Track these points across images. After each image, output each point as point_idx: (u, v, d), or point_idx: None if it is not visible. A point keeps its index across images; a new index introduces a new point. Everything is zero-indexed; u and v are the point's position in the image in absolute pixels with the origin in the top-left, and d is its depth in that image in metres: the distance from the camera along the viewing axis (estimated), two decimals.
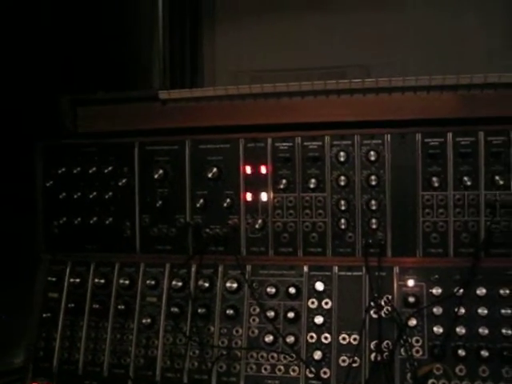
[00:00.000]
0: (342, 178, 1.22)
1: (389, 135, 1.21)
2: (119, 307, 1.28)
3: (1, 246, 1.59)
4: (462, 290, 1.16)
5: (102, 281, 1.31)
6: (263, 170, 1.25)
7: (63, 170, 1.36)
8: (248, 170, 1.26)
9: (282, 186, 1.24)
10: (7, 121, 1.44)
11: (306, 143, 1.24)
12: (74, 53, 1.55)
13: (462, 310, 1.16)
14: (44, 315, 1.32)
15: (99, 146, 1.34)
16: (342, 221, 1.22)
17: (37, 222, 1.38)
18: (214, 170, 1.26)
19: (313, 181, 1.23)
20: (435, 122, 1.20)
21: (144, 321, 1.26)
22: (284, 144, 1.25)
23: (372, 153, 1.21)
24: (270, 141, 1.25)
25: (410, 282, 1.20)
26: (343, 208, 1.21)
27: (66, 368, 1.30)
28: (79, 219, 1.34)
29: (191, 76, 1.64)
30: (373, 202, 1.21)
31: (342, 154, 1.22)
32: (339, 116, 1.24)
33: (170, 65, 1.62)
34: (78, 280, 1.32)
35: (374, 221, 1.21)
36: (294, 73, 1.52)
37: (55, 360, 1.31)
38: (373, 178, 1.20)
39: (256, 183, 1.26)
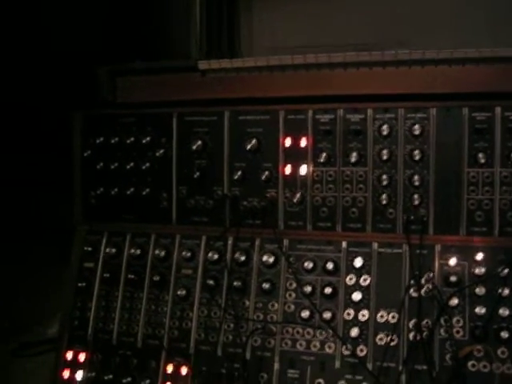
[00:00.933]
0: (385, 152, 1.18)
1: (434, 109, 1.17)
2: (154, 278, 1.27)
3: (39, 218, 1.60)
4: (506, 271, 1.12)
5: (138, 251, 1.30)
6: (303, 142, 1.23)
7: (101, 140, 1.35)
8: (287, 142, 1.23)
9: (321, 160, 1.21)
10: (46, 91, 1.44)
11: (347, 116, 1.21)
12: (111, 23, 1.54)
13: (506, 291, 1.12)
14: (79, 285, 1.32)
15: (137, 117, 1.33)
16: (383, 196, 1.19)
17: (74, 192, 1.38)
18: (253, 141, 1.24)
19: (354, 154, 1.20)
20: (483, 96, 1.15)
21: (179, 293, 1.25)
22: (325, 116, 1.22)
23: (416, 127, 1.17)
24: (310, 113, 1.22)
25: (452, 261, 1.16)
26: (385, 183, 1.18)
27: (101, 337, 1.29)
28: (116, 190, 1.34)
29: (228, 49, 1.61)
30: (416, 177, 1.17)
31: (384, 127, 1.18)
32: (383, 88, 1.21)
33: (207, 38, 1.60)
34: (113, 250, 1.32)
35: (416, 197, 1.18)
36: (331, 48, 1.46)
37: (90, 329, 1.31)
38: (416, 152, 1.17)
39: (295, 156, 1.23)
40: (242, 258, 1.23)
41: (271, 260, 1.22)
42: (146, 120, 1.32)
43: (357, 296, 1.18)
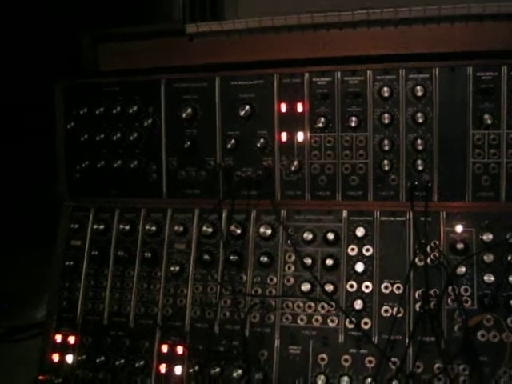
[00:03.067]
0: (386, 115, 1.12)
1: (437, 69, 1.11)
2: (145, 255, 1.21)
3: (22, 194, 1.52)
4: None
5: (127, 227, 1.23)
6: (299, 107, 1.17)
7: (85, 110, 1.27)
8: (283, 107, 1.17)
9: (319, 125, 1.15)
10: (25, 61, 1.35)
11: (346, 78, 1.15)
12: None
13: None
14: (66, 264, 1.25)
15: (123, 85, 1.26)
16: (385, 162, 1.13)
17: (58, 166, 1.30)
18: (247, 108, 1.17)
19: (353, 119, 1.14)
20: (488, 55, 1.09)
21: (172, 269, 1.19)
22: (322, 79, 1.15)
23: (418, 88, 1.11)
24: (306, 76, 1.16)
25: (459, 228, 1.11)
26: (386, 148, 1.12)
27: (91, 318, 1.23)
28: (102, 163, 1.27)
29: (211, 14, 1.52)
30: (419, 141, 1.11)
31: (385, 89, 1.12)
32: (382, 49, 1.15)
33: (190, 2, 1.50)
34: (101, 227, 1.25)
35: (419, 162, 1.12)
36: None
37: (79, 310, 1.24)
38: (419, 115, 1.11)
39: (291, 122, 1.17)
40: (238, 231, 1.17)
41: (268, 232, 1.16)
42: (132, 88, 1.25)
43: (359, 267, 1.12)
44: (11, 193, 1.56)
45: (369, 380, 1.07)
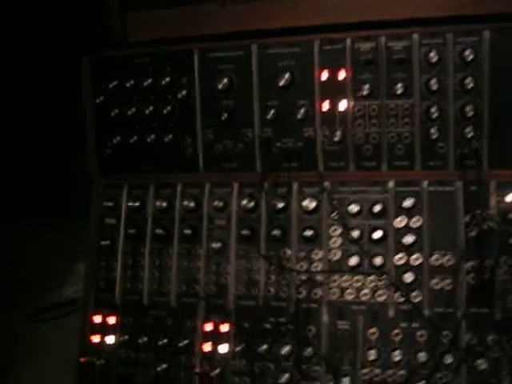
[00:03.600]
0: (433, 81, 1.07)
1: (488, 31, 1.06)
2: (185, 232, 1.17)
3: (52, 173, 1.48)
4: None
5: (164, 204, 1.19)
6: (341, 75, 1.12)
7: (114, 84, 1.22)
8: (324, 75, 1.12)
9: (363, 93, 1.10)
10: (49, 33, 1.29)
11: (390, 43, 1.09)
12: None
13: None
14: (102, 243, 1.21)
15: (153, 56, 1.20)
16: (433, 130, 1.08)
17: (88, 143, 1.26)
18: (286, 76, 1.12)
19: (399, 86, 1.09)
20: None
21: (213, 245, 1.15)
22: (365, 45, 1.10)
23: (468, 52, 1.06)
24: (348, 41, 1.11)
25: (510, 197, 1.07)
26: (434, 116, 1.08)
27: (130, 298, 1.20)
28: (135, 138, 1.22)
29: None
30: (468, 108, 1.07)
31: (432, 54, 1.07)
32: (428, 11, 1.08)
33: None
34: (136, 204, 1.21)
35: (469, 129, 1.08)
36: None
37: (117, 290, 1.21)
38: (468, 80, 1.06)
39: (333, 90, 1.12)
40: (280, 205, 1.13)
41: (312, 205, 1.12)
42: (163, 59, 1.20)
43: (408, 239, 1.09)
44: (41, 171, 1.51)
45: (421, 354, 1.04)
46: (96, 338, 1.19)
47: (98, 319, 1.20)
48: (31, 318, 1.61)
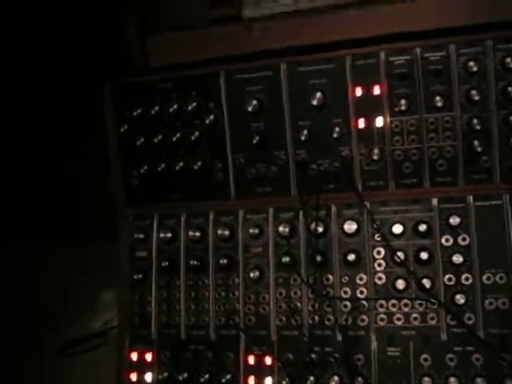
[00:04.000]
0: (474, 92, 1.02)
1: None
2: (220, 262, 1.12)
3: (78, 197, 1.44)
4: None
5: (197, 234, 1.15)
6: (376, 90, 1.07)
7: (138, 111, 1.18)
8: (358, 91, 1.08)
9: (400, 108, 1.06)
10: (70, 64, 1.25)
11: (426, 54, 1.05)
12: None
13: None
14: (135, 277, 1.16)
15: (177, 80, 1.16)
16: (476, 143, 1.04)
17: (113, 173, 1.21)
18: (318, 95, 1.08)
19: (438, 98, 1.04)
20: None
21: (251, 275, 1.11)
22: (400, 57, 1.06)
23: (509, 59, 1.01)
24: (382, 55, 1.06)
25: None
26: (477, 128, 1.03)
27: (167, 333, 1.15)
28: (163, 166, 1.18)
29: None
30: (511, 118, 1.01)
31: (471, 63, 1.03)
32: (465, 19, 1.03)
33: None
34: (168, 235, 1.16)
35: None
36: None
37: (153, 325, 1.16)
38: (511, 89, 1.00)
39: (369, 107, 1.08)
40: (320, 229, 1.08)
41: (353, 227, 1.08)
42: (188, 83, 1.15)
43: (457, 258, 1.03)
44: (66, 209, 1.48)
45: (479, 380, 0.99)
46: (134, 377, 1.14)
47: (134, 356, 1.15)
48: (60, 352, 1.56)
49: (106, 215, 1.28)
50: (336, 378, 1.05)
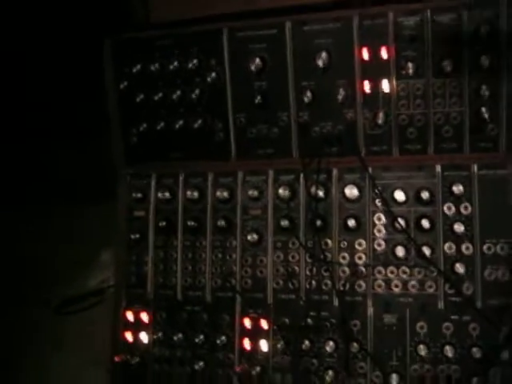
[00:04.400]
0: (484, 57, 0.99)
1: None
2: (218, 223, 1.11)
3: (77, 166, 1.42)
4: None
5: (195, 194, 1.12)
6: (384, 52, 1.04)
7: (138, 68, 1.15)
8: (365, 53, 1.04)
9: (407, 71, 1.02)
10: (70, 18, 1.21)
11: (437, 17, 1.01)
12: None
13: None
14: (132, 237, 1.15)
15: (179, 37, 1.13)
16: (483, 110, 1.01)
17: (112, 131, 1.19)
18: (323, 55, 1.05)
19: (446, 63, 1.00)
20: None
21: (249, 237, 1.09)
22: (409, 19, 1.02)
23: None
24: (391, 16, 1.03)
25: None
26: (485, 94, 0.99)
27: (163, 293, 1.14)
28: (162, 124, 1.15)
29: None
30: None
31: (484, 27, 0.98)
32: None
33: None
34: (166, 194, 1.14)
35: None
36: None
37: (149, 285, 1.15)
38: None
39: (375, 69, 1.05)
40: (320, 193, 1.06)
41: (354, 192, 1.06)
42: (190, 40, 1.12)
43: (458, 227, 1.01)
44: (65, 164, 1.46)
45: (475, 350, 0.98)
46: (129, 336, 1.14)
47: (130, 316, 1.15)
48: (57, 310, 1.56)
49: (105, 175, 1.26)
50: (331, 343, 1.04)
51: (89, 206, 1.62)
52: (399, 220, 1.04)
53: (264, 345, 1.08)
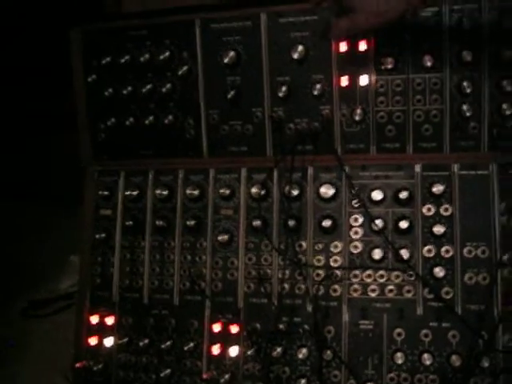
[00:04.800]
0: (465, 52, 0.95)
1: None
2: (188, 223, 1.06)
3: (41, 161, 1.37)
4: None
5: (165, 192, 1.07)
6: (362, 46, 0.99)
7: (107, 60, 1.10)
8: (342, 46, 1.00)
9: (386, 66, 0.98)
10: (37, 6, 1.16)
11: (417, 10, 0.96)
12: None
13: None
14: (97, 236, 1.09)
15: (150, 28, 1.07)
16: (464, 107, 0.97)
17: (79, 126, 1.13)
18: (299, 48, 1.00)
19: (427, 58, 0.96)
20: None
21: (220, 238, 1.03)
22: None
23: (505, 19, 0.94)
24: None
25: None
26: (467, 91, 0.95)
27: (129, 296, 1.09)
28: (131, 119, 1.10)
29: None
30: (505, 82, 0.95)
31: (465, 20, 0.95)
32: None
33: None
34: (134, 193, 1.09)
35: (505, 106, 0.95)
36: None
37: (115, 288, 1.09)
38: (507, 53, 0.94)
39: (353, 63, 1.00)
40: (294, 192, 1.01)
41: (330, 192, 1.01)
42: (162, 31, 1.07)
43: (438, 229, 0.97)
44: (31, 161, 1.40)
45: (454, 358, 0.93)
46: (93, 341, 1.08)
47: (94, 319, 1.09)
48: (25, 313, 1.51)
49: (79, 174, 1.21)
50: (304, 350, 1.00)
51: (63, 207, 1.57)
52: (377, 221, 0.99)
53: (234, 351, 1.02)
